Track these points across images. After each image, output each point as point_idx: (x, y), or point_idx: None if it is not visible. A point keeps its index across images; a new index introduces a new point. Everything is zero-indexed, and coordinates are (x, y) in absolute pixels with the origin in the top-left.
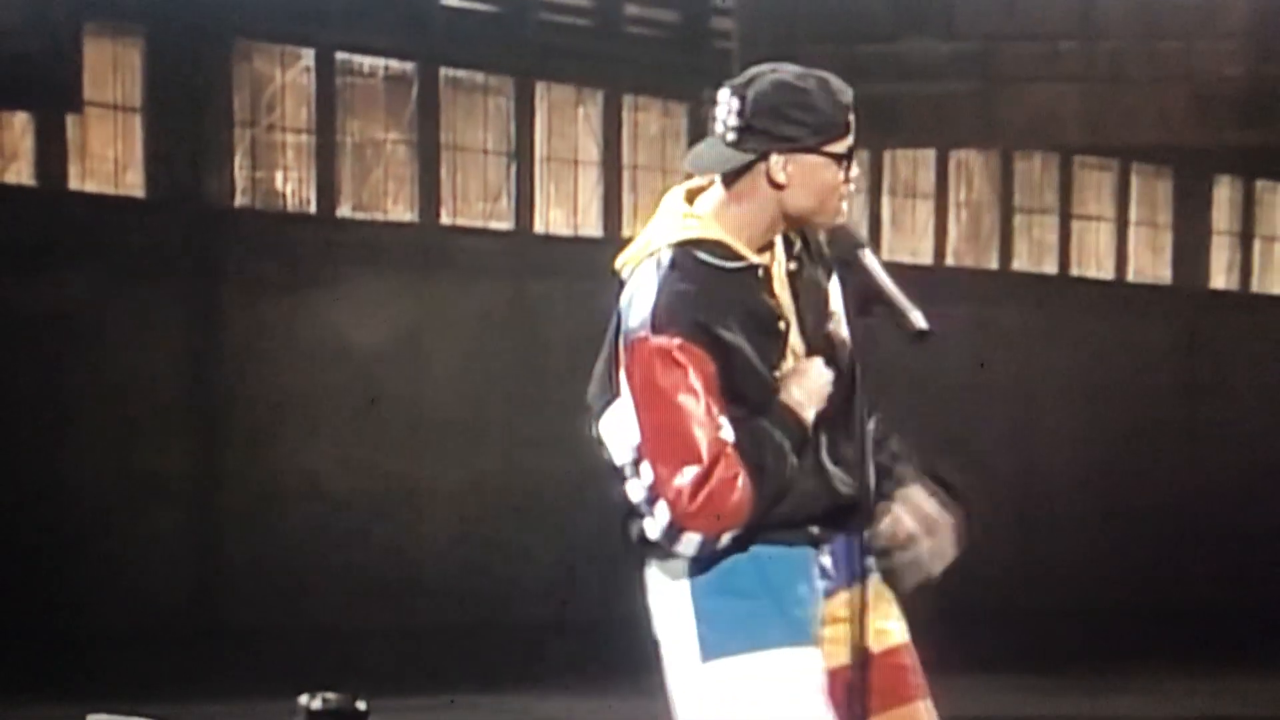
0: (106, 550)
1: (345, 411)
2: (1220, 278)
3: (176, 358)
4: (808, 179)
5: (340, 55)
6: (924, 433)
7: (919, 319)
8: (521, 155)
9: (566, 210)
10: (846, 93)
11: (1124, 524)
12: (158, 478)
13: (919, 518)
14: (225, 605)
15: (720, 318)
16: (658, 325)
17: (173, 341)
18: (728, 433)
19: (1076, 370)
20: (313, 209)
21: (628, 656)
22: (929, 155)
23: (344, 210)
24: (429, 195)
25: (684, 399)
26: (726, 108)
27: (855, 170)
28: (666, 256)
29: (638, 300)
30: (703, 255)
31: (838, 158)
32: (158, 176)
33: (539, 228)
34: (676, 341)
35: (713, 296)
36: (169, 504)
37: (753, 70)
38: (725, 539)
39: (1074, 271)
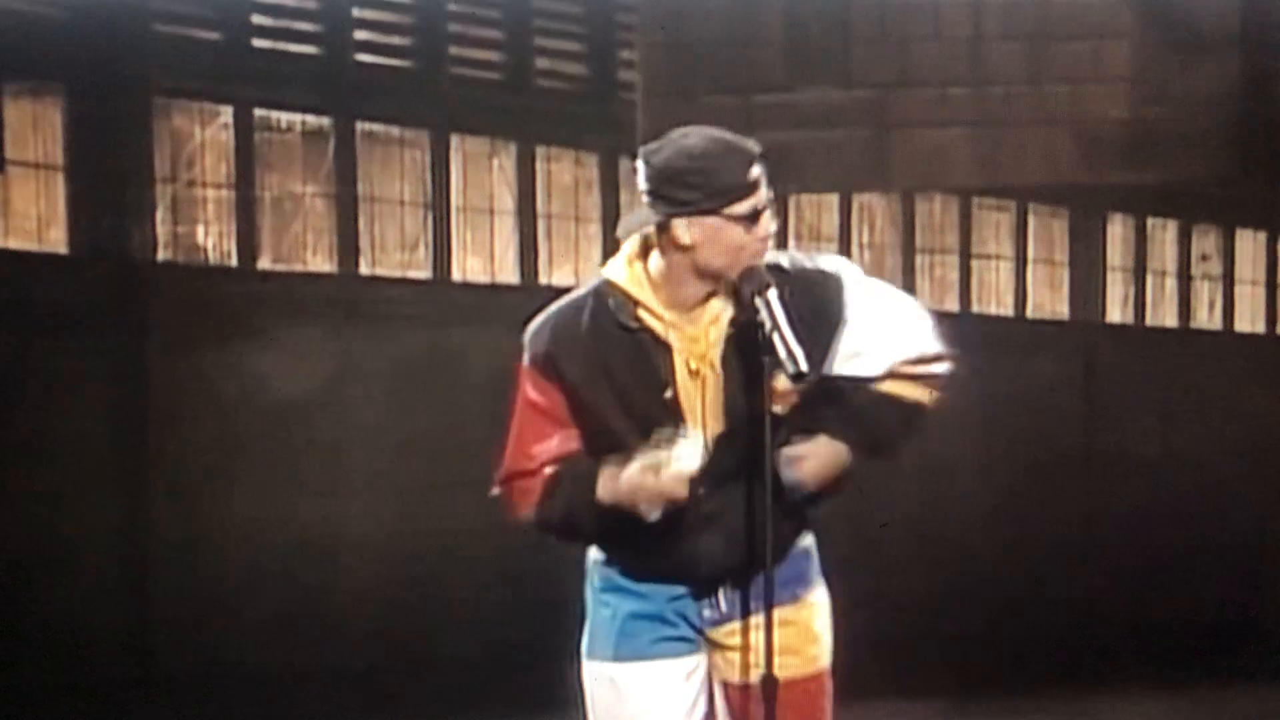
0: (36, 604)
1: (269, 461)
2: (1115, 311)
3: (101, 411)
4: (713, 239)
5: (258, 111)
6: None
7: (800, 361)
8: (438, 206)
9: (483, 259)
10: (751, 155)
11: (1028, 550)
12: (85, 531)
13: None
14: (157, 653)
15: (578, 357)
16: (527, 342)
17: (97, 395)
18: (546, 452)
19: (979, 402)
20: (234, 262)
21: (554, 691)
22: (832, 200)
23: (264, 263)
24: (348, 246)
25: (519, 412)
26: (639, 174)
27: (769, 226)
28: (589, 286)
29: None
30: (610, 300)
31: (739, 219)
32: (80, 233)
33: (456, 276)
34: (525, 363)
35: (583, 337)
36: (97, 556)
37: (666, 136)
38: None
39: (975, 308)
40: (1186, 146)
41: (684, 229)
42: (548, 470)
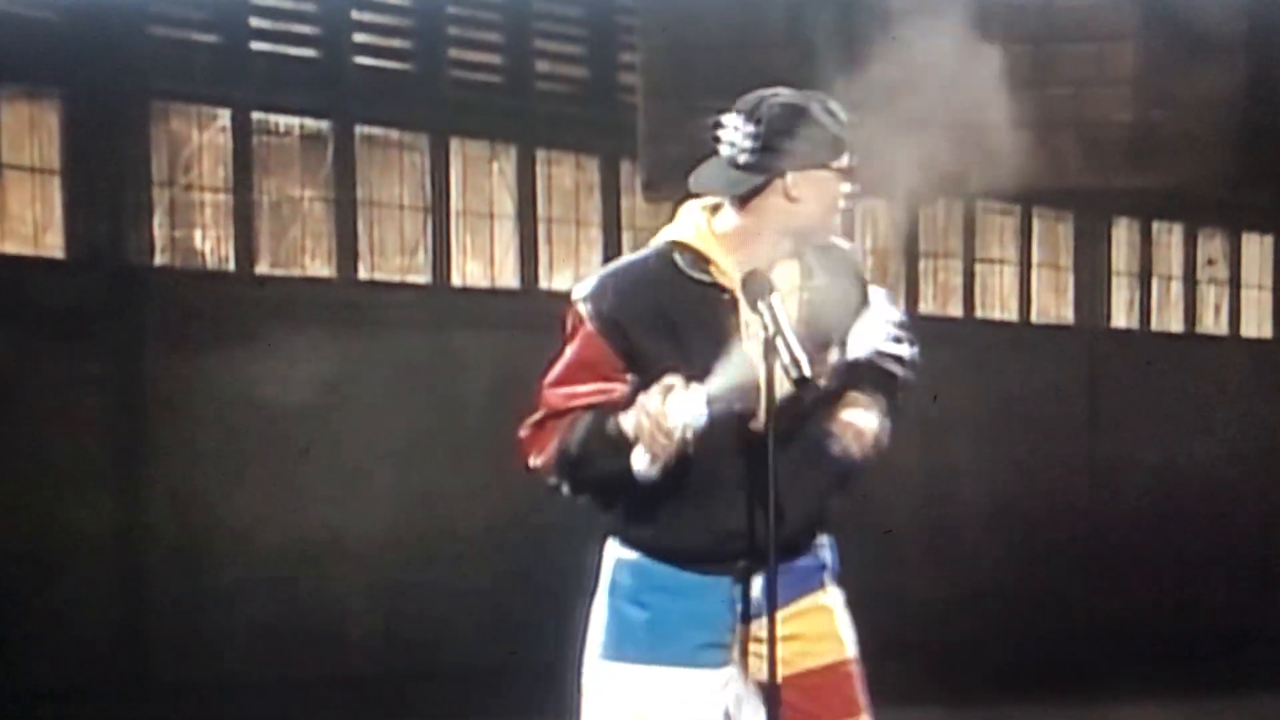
0: (32, 606)
1: (268, 465)
2: (1120, 316)
3: (98, 416)
4: (819, 193)
5: (256, 115)
6: None
7: (804, 366)
8: (437, 210)
9: (483, 263)
10: (842, 112)
11: (1031, 555)
12: (82, 536)
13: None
14: (153, 658)
15: (641, 312)
16: (585, 290)
17: (94, 400)
18: (581, 398)
19: (984, 407)
20: (231, 267)
21: (555, 698)
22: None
23: (262, 267)
24: (347, 251)
25: (563, 364)
26: (741, 131)
27: (852, 185)
28: (648, 249)
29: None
30: (676, 257)
31: (843, 171)
32: (77, 237)
33: (456, 280)
34: (580, 317)
35: (647, 293)
36: (95, 560)
37: (753, 96)
38: (558, 485)
39: (979, 313)
40: (1192, 150)
41: (796, 182)
42: (569, 414)
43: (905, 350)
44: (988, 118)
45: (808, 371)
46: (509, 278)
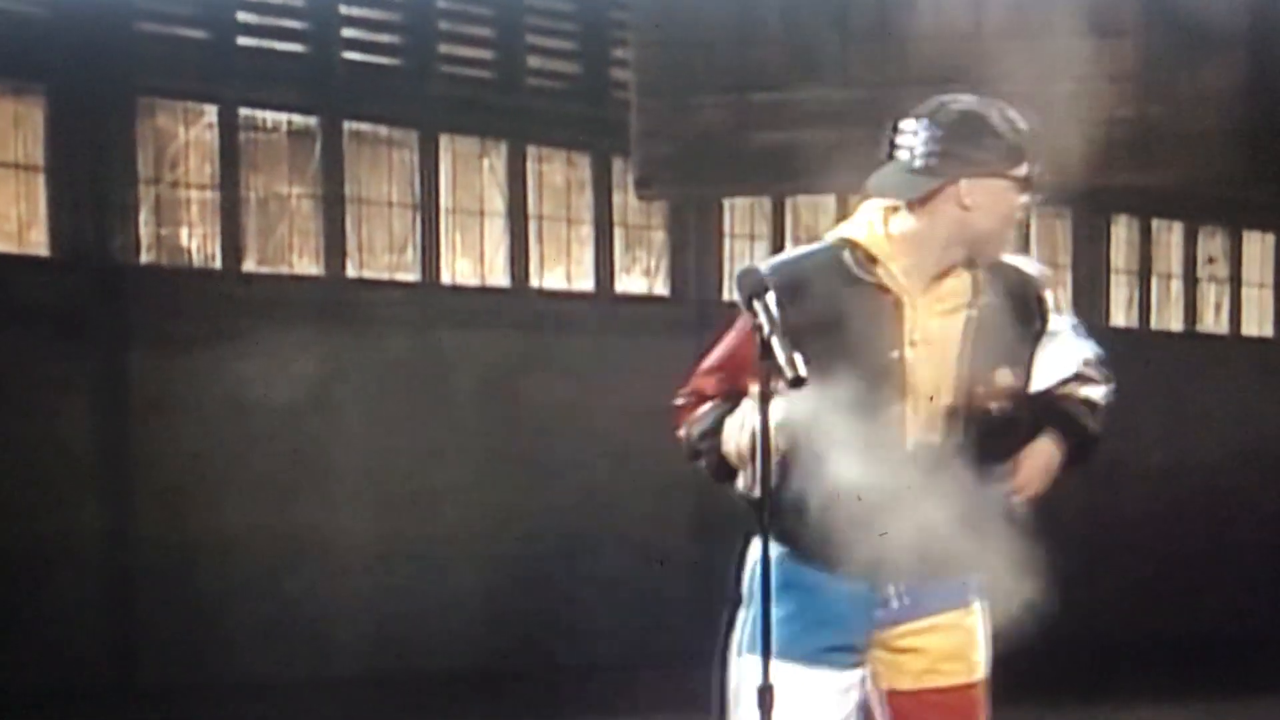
0: (18, 609)
1: (255, 465)
2: (1120, 314)
3: (84, 415)
4: (994, 202)
5: (243, 111)
6: None
7: (799, 366)
8: (427, 207)
9: (473, 261)
10: (1022, 120)
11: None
12: (68, 536)
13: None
14: (140, 660)
15: (807, 304)
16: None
17: (80, 399)
18: (725, 382)
19: None
20: (218, 264)
21: (551, 701)
22: (829, 201)
23: (250, 265)
24: (335, 248)
25: (724, 343)
26: (918, 136)
27: (1028, 198)
28: (821, 243)
29: None
30: (846, 255)
31: (1020, 181)
32: (62, 234)
33: (446, 279)
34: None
35: (815, 286)
36: (81, 561)
37: (934, 100)
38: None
39: None
40: (1193, 147)
41: (970, 189)
42: (711, 395)
43: (1099, 394)
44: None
45: (802, 373)
46: (499, 276)
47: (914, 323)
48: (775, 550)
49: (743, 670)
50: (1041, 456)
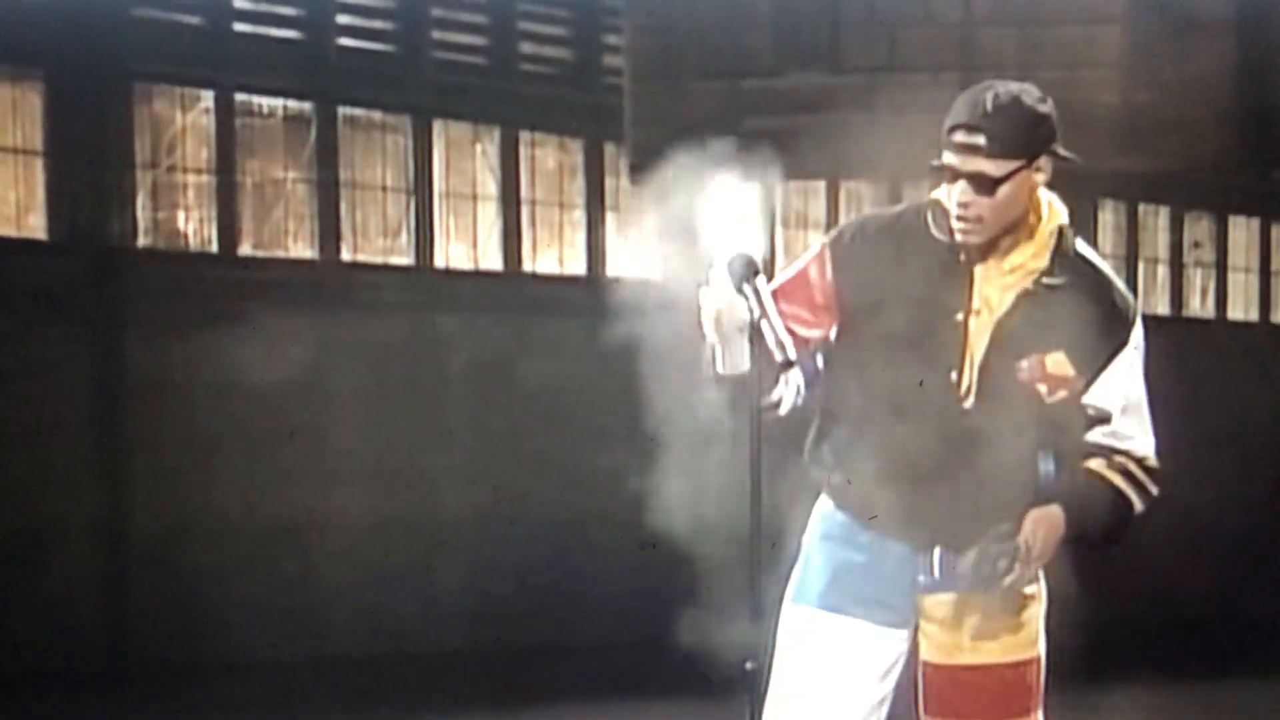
0: (16, 590)
1: (251, 447)
2: None
3: (81, 398)
4: (1035, 183)
5: (239, 96)
6: None
7: (789, 349)
8: (420, 191)
9: (466, 245)
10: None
11: None
12: (64, 519)
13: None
14: (138, 642)
15: (884, 253)
16: (841, 227)
17: (77, 382)
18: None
19: None
20: (214, 248)
21: (543, 682)
22: (819, 186)
23: (245, 249)
24: (329, 232)
25: (789, 276)
26: (1030, 114)
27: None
28: (912, 204)
29: None
30: (930, 213)
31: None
32: (60, 219)
33: (439, 263)
34: (828, 237)
35: (894, 238)
36: (78, 543)
37: (984, 84)
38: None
39: None
40: (1180, 133)
41: (1047, 165)
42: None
43: (1152, 450)
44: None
45: (792, 356)
46: (492, 260)
47: (979, 289)
48: (828, 503)
49: (788, 619)
50: (1044, 524)
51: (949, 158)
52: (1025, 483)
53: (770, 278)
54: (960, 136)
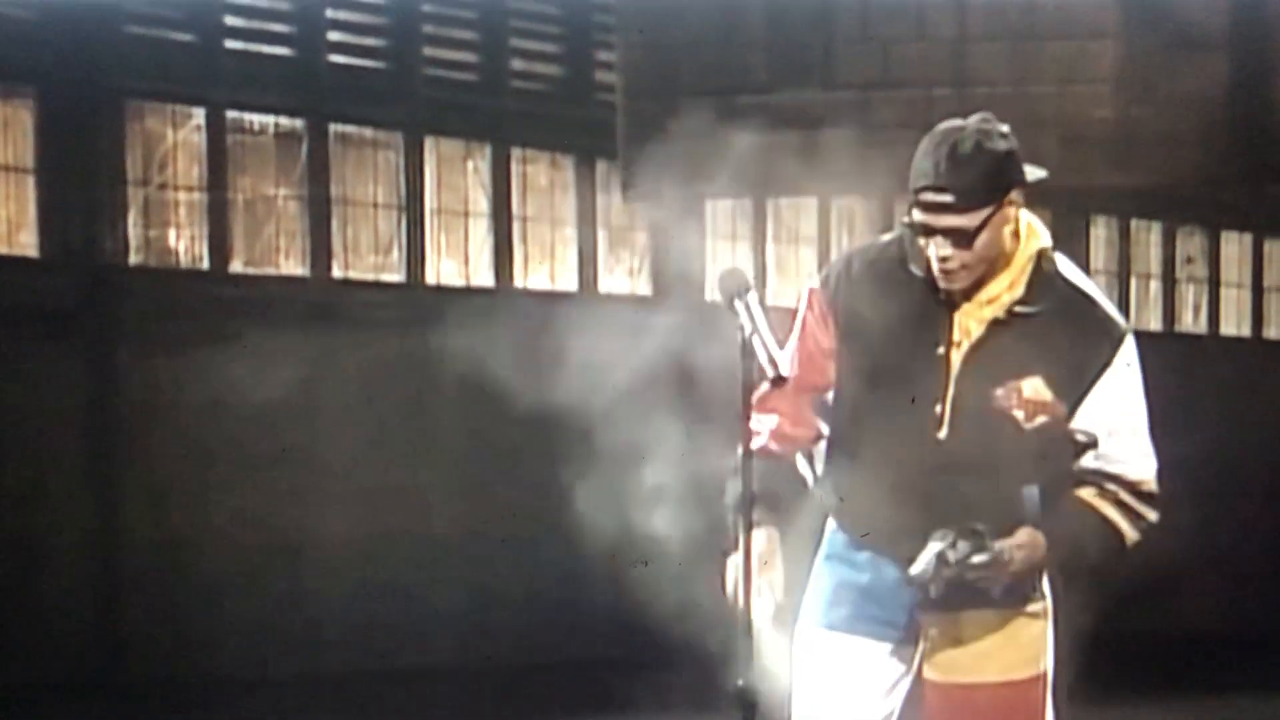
0: (9, 605)
1: (243, 464)
2: None
3: (73, 415)
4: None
5: (230, 113)
6: None
7: (781, 365)
8: (412, 208)
9: (458, 261)
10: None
11: None
12: (58, 534)
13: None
14: (130, 657)
15: (866, 289)
16: (829, 266)
17: (69, 399)
18: (784, 368)
19: None
20: (206, 265)
21: (535, 699)
22: (811, 203)
23: (237, 266)
24: (321, 249)
25: (792, 338)
26: (1008, 151)
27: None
28: (900, 232)
29: None
30: (910, 244)
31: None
32: (51, 236)
33: (430, 279)
34: (814, 283)
35: (877, 273)
36: (71, 559)
37: (955, 122)
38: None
39: None
40: (1173, 148)
41: (1019, 196)
42: (759, 420)
43: (1149, 474)
44: (968, 115)
45: (784, 371)
46: (483, 276)
47: (959, 321)
48: (831, 524)
49: (799, 638)
50: (1028, 545)
51: (919, 216)
52: (1005, 509)
53: (761, 294)
54: (928, 196)
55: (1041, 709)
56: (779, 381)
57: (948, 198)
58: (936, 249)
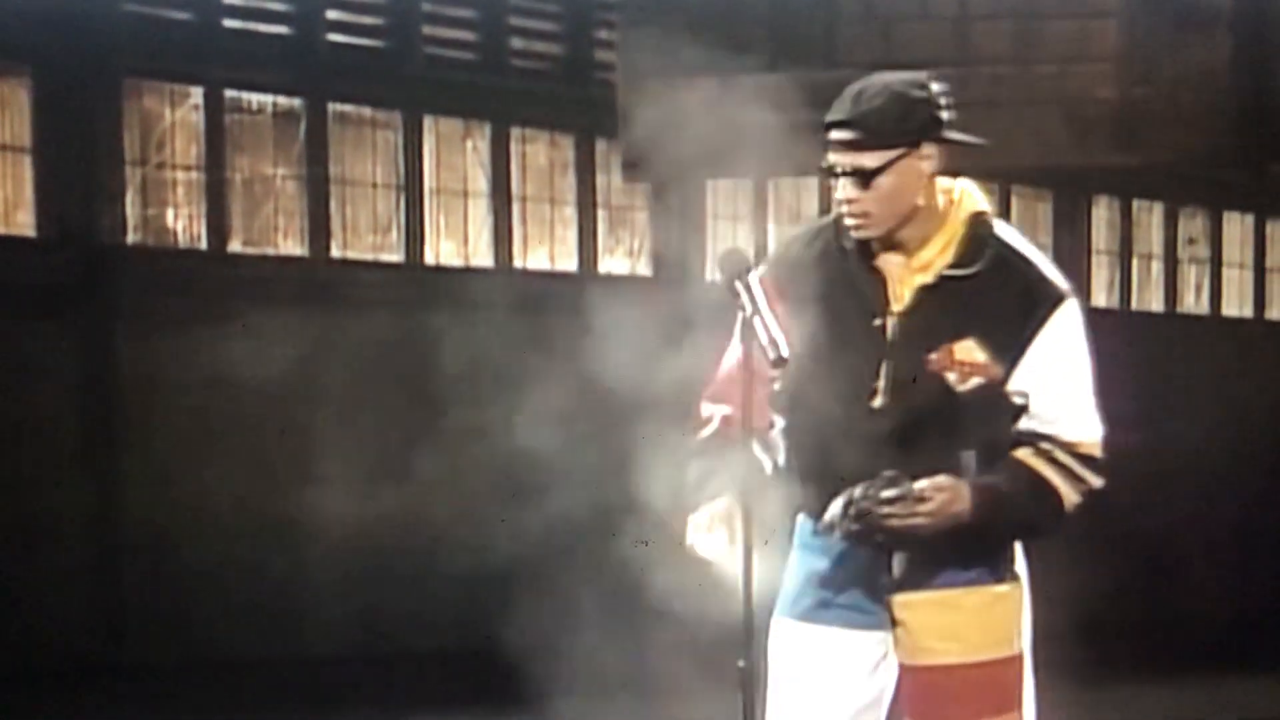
0: (7, 587)
1: (241, 445)
2: (1101, 295)
3: (71, 396)
4: (937, 168)
5: (229, 92)
6: None
7: (781, 346)
8: (411, 188)
9: (457, 241)
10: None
11: None
12: (56, 516)
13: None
14: (128, 639)
15: (801, 272)
16: (771, 252)
17: (67, 379)
18: (726, 366)
19: None
20: (204, 245)
21: (529, 685)
22: (812, 183)
23: (235, 245)
24: (319, 229)
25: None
26: (931, 97)
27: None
28: (832, 214)
29: None
30: (840, 225)
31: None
32: (49, 215)
33: (429, 259)
34: (761, 273)
35: (813, 255)
36: (69, 540)
37: (871, 79)
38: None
39: None
40: (1175, 128)
41: (935, 152)
42: (710, 408)
43: (1088, 436)
44: (971, 94)
45: (784, 353)
46: (483, 256)
47: (893, 289)
48: (801, 513)
49: (774, 632)
50: (948, 490)
51: (831, 157)
52: (943, 474)
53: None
54: (836, 134)
55: (1017, 690)
56: (780, 363)
57: (849, 133)
58: (841, 191)
